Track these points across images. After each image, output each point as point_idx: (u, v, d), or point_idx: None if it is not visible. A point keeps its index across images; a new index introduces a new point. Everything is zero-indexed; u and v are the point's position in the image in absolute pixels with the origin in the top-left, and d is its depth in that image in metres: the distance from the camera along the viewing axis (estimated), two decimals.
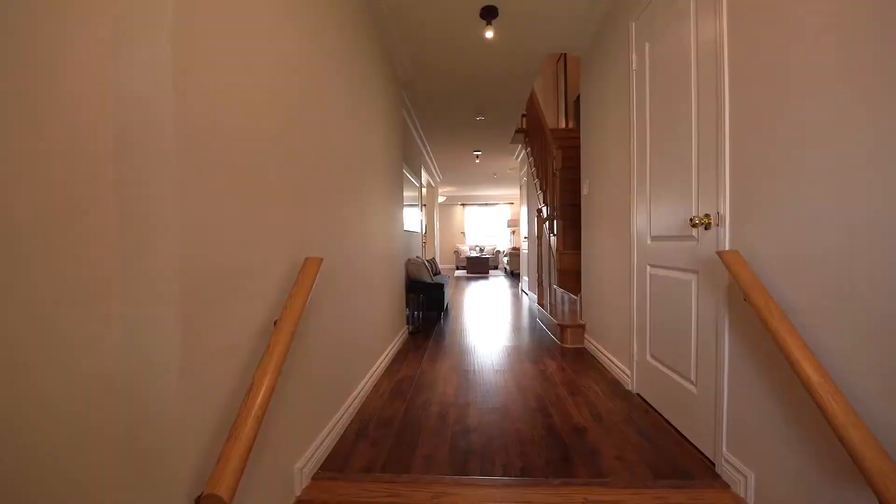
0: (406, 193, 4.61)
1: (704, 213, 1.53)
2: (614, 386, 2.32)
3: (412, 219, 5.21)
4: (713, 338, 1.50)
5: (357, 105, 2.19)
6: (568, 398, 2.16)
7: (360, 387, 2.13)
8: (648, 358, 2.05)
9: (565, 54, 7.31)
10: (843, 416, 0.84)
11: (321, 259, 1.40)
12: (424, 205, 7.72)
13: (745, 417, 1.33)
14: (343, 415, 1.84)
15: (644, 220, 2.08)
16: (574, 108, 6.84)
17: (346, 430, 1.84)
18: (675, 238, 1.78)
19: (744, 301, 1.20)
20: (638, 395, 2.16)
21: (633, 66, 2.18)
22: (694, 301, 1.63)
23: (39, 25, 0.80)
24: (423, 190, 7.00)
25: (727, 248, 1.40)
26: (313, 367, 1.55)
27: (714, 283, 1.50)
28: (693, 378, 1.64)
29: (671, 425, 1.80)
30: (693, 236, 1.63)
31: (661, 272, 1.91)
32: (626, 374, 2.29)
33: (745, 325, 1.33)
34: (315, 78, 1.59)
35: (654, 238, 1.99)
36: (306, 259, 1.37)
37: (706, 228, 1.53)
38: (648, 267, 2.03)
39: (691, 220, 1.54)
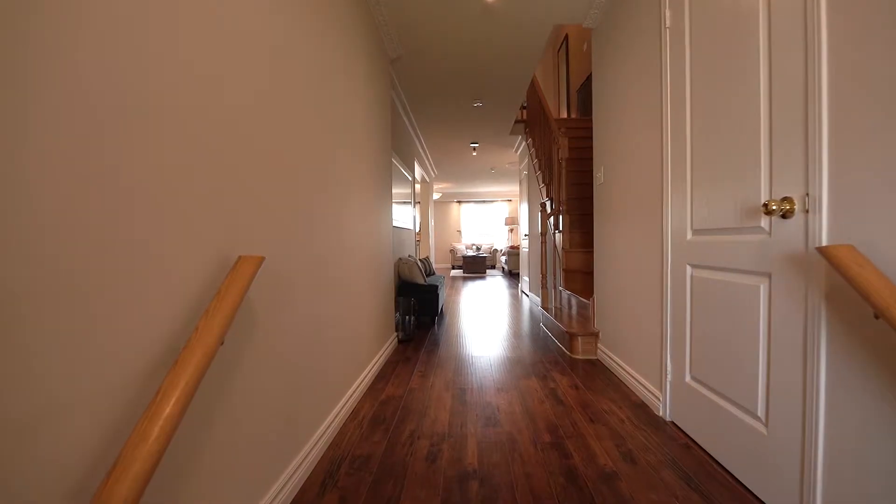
0: (398, 190, 4.21)
1: (783, 195, 1.15)
2: (641, 410, 1.94)
3: (404, 215, 4.81)
4: (798, 364, 1.11)
5: (332, 77, 1.78)
6: (587, 427, 1.77)
7: (332, 415, 1.73)
8: (688, 380, 1.66)
9: (567, 42, 6.94)
10: None
11: (261, 258, 1.00)
12: (418, 201, 7.32)
13: (860, 479, 0.95)
14: (307, 456, 1.44)
15: (681, 209, 1.70)
16: (577, 98, 6.46)
17: (310, 475, 1.44)
18: (730, 231, 1.40)
19: (875, 319, 0.82)
20: (672, 423, 1.78)
21: (667, 23, 1.79)
22: (763, 312, 1.24)
23: None
24: (417, 185, 6.60)
25: (825, 243, 1.02)
26: (257, 403, 1.15)
27: (800, 290, 1.11)
28: (760, 413, 1.26)
29: (724, 468, 1.42)
30: (762, 228, 1.24)
31: (709, 274, 1.52)
32: (655, 397, 1.90)
33: (865, 351, 0.94)
34: (275, 26, 1.19)
35: (696, 231, 1.60)
36: (240, 258, 0.97)
37: (784, 217, 1.14)
38: (689, 268, 1.64)
39: (765, 205, 1.15)
